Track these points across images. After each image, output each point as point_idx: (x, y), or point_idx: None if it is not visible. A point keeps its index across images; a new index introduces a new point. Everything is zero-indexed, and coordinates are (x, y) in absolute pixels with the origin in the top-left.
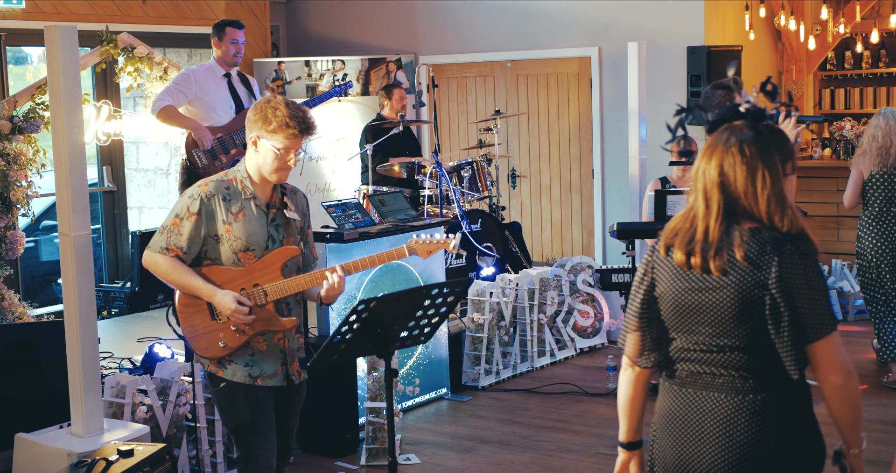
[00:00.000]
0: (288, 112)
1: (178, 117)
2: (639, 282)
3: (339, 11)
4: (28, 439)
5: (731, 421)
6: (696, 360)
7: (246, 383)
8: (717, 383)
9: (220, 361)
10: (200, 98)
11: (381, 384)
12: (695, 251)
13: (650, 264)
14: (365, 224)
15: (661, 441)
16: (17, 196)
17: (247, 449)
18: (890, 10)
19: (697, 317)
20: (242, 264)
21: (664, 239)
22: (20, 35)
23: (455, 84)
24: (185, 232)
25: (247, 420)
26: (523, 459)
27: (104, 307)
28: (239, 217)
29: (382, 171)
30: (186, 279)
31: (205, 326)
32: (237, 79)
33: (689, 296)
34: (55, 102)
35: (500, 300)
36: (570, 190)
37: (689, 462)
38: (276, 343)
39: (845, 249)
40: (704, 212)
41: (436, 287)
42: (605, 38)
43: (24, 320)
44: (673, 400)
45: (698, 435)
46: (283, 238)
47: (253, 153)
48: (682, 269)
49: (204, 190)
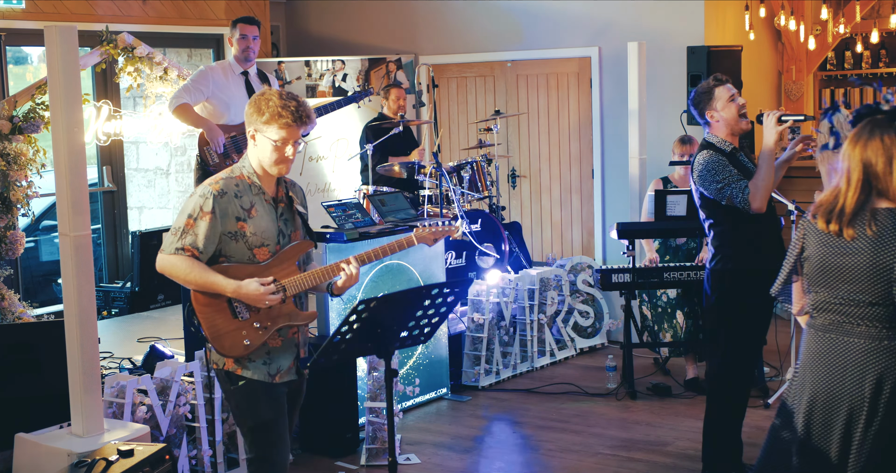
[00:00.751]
0: (280, 102)
1: (192, 116)
2: (793, 246)
3: (339, 11)
4: (28, 439)
5: (867, 360)
6: (838, 311)
7: (266, 381)
8: (857, 330)
9: (238, 359)
10: (217, 96)
11: (381, 384)
12: (832, 220)
13: (803, 231)
14: (365, 224)
15: (809, 375)
16: (17, 196)
17: (264, 449)
18: (890, 10)
19: (838, 276)
20: (257, 259)
21: (812, 210)
22: (20, 35)
23: (455, 84)
24: (201, 232)
25: (267, 418)
26: (523, 459)
27: (104, 307)
28: (252, 213)
29: (382, 171)
30: (208, 277)
31: (227, 325)
32: (255, 77)
33: (832, 259)
34: (55, 102)
35: (500, 300)
36: (570, 190)
37: (833, 392)
38: (291, 338)
39: None
40: (845, 188)
41: (436, 287)
42: (605, 38)
43: (24, 320)
44: (818, 343)
45: (840, 371)
46: (291, 232)
47: (253, 147)
48: (827, 235)
49: (215, 188)
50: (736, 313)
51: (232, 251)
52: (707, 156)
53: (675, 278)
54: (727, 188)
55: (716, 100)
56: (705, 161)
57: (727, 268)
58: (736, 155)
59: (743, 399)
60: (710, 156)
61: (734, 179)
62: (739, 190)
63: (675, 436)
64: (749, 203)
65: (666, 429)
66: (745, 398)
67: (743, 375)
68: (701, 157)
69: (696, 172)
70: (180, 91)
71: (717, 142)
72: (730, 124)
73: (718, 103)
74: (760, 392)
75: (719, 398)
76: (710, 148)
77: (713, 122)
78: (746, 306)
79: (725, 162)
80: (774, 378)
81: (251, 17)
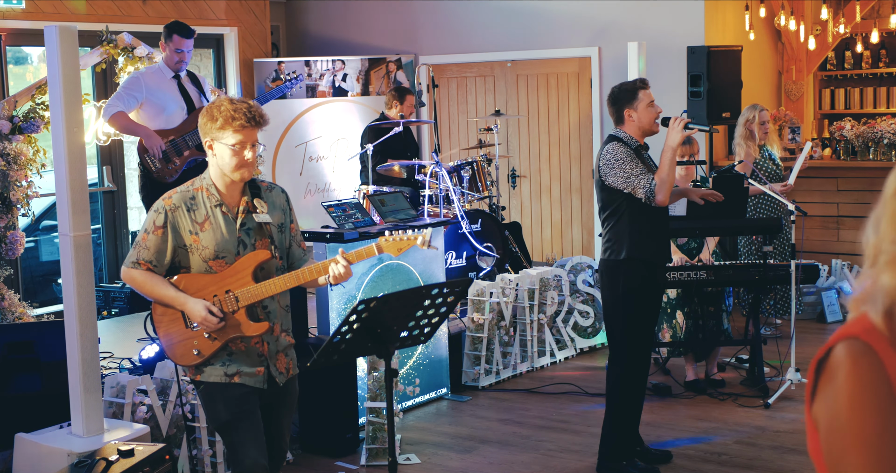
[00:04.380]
0: (231, 107)
1: (128, 124)
2: None
3: (339, 11)
4: (28, 439)
5: None
6: None
7: (222, 381)
8: None
9: (197, 367)
10: (151, 100)
11: (381, 384)
12: None
13: None
14: (365, 224)
15: None
16: (17, 196)
17: (232, 449)
18: (890, 10)
19: None
20: (214, 271)
21: None
22: (20, 35)
23: (455, 84)
24: (152, 246)
25: (226, 419)
26: (523, 459)
27: (104, 307)
28: (205, 226)
29: (382, 171)
30: (159, 290)
31: (179, 334)
32: (187, 79)
33: None
34: (55, 102)
35: (500, 300)
36: (570, 190)
37: None
38: (254, 347)
39: (845, 249)
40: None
41: (436, 287)
42: (605, 38)
43: (24, 320)
44: None
45: None
46: (254, 242)
47: (212, 158)
48: None
49: (167, 203)
50: (630, 303)
51: (189, 263)
52: (616, 146)
53: (675, 278)
54: (634, 178)
55: (638, 101)
56: (614, 151)
57: (620, 259)
58: (641, 152)
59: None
60: (619, 146)
61: (641, 170)
62: (647, 181)
63: (674, 436)
64: (654, 195)
65: (666, 429)
66: (641, 392)
67: (639, 365)
68: (609, 147)
69: (602, 160)
70: (113, 99)
71: (626, 138)
72: (642, 126)
73: (640, 105)
74: (760, 392)
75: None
76: (617, 141)
77: (628, 119)
78: (638, 295)
79: (633, 154)
80: (774, 379)
81: (188, 27)
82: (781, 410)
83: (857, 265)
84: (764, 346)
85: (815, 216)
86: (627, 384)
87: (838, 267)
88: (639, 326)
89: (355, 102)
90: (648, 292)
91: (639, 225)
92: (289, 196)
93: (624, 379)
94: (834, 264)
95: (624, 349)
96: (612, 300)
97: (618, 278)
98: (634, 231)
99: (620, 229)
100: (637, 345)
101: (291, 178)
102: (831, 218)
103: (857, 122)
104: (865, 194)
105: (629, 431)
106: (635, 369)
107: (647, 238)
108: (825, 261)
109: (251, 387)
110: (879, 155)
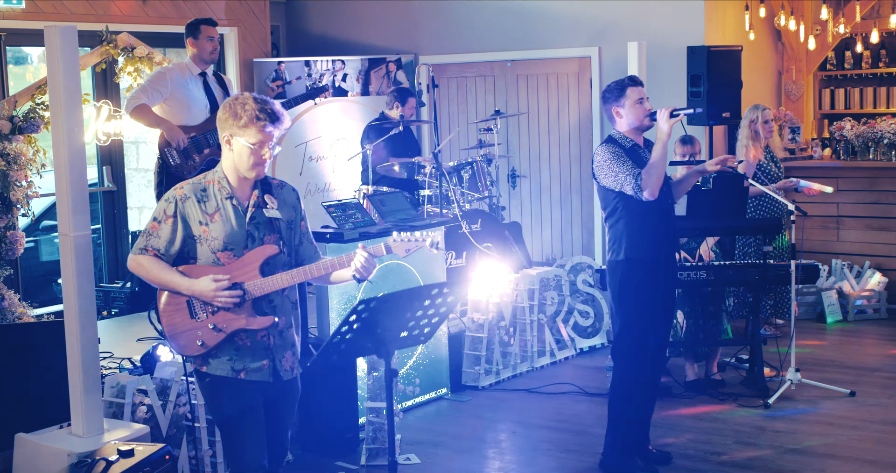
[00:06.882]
0: (256, 106)
1: (151, 117)
2: None
3: (339, 11)
4: (28, 439)
5: None
6: None
7: (229, 376)
8: None
9: (203, 357)
10: (175, 97)
11: (381, 384)
12: None
13: None
14: (365, 224)
15: None
16: (17, 196)
17: (231, 445)
18: (890, 10)
19: None
20: (222, 263)
21: None
22: (20, 35)
23: (455, 84)
24: (163, 235)
25: (229, 414)
26: (523, 459)
27: (104, 307)
28: (215, 218)
29: (382, 171)
30: (165, 276)
31: (184, 324)
32: (213, 78)
33: None
34: (55, 102)
35: (500, 300)
36: (570, 190)
37: None
38: (260, 340)
39: (845, 249)
40: None
41: (436, 287)
42: (605, 38)
43: (24, 320)
44: None
45: None
46: (263, 236)
47: (228, 152)
48: None
49: (178, 193)
50: (629, 302)
51: (197, 253)
52: (605, 148)
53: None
54: (621, 176)
55: (625, 98)
56: (602, 152)
57: (619, 259)
58: (636, 150)
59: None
60: (608, 147)
61: (629, 167)
62: (633, 177)
63: (674, 436)
64: (641, 189)
65: (666, 429)
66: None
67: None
68: (598, 149)
69: (594, 164)
70: (137, 92)
71: (619, 137)
72: (632, 123)
73: (626, 102)
74: (760, 392)
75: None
76: (610, 142)
77: (617, 117)
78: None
79: (622, 153)
80: (774, 379)
81: (211, 18)
82: (781, 410)
83: (856, 265)
84: (764, 346)
85: (815, 216)
86: (627, 384)
87: (838, 267)
88: (639, 326)
89: (355, 101)
90: (649, 293)
91: (637, 225)
92: (299, 195)
93: (624, 379)
94: (834, 264)
95: (623, 348)
96: (612, 299)
97: (618, 278)
98: (633, 231)
99: (619, 230)
100: (637, 345)
101: (291, 178)
102: (831, 218)
103: (857, 122)
104: (865, 194)
105: (632, 431)
106: (636, 369)
107: (646, 238)
108: (825, 261)
109: (257, 382)
110: (879, 155)
